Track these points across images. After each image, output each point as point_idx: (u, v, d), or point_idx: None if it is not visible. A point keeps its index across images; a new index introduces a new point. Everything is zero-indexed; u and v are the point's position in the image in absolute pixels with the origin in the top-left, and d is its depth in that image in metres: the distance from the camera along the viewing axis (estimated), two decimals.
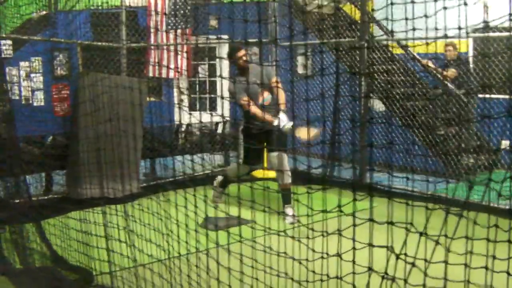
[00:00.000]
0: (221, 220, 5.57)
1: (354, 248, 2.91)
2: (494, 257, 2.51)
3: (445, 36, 2.90)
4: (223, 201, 7.90)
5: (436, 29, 2.93)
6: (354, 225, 2.88)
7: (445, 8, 2.82)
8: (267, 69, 7.55)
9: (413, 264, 2.66)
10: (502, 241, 2.52)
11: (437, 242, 2.58)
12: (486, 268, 2.54)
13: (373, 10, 8.71)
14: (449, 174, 8.48)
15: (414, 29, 3.03)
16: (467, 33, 2.75)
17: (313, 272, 3.26)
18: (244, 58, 7.43)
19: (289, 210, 7.21)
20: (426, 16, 3.01)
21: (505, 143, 8.10)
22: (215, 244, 4.02)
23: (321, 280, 3.16)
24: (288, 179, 7.26)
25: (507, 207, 5.82)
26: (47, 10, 9.83)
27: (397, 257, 2.71)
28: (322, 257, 3.09)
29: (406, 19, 3.12)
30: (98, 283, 5.07)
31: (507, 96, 8.20)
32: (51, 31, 9.37)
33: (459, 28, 2.84)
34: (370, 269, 2.82)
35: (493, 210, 5.82)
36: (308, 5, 9.82)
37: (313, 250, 3.24)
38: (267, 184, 4.06)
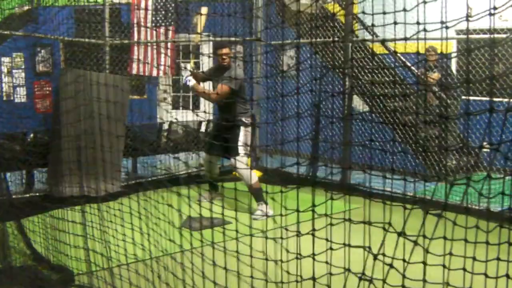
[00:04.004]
0: (200, 220, 5.53)
1: (331, 249, 2.90)
2: (474, 259, 2.51)
3: (425, 36, 2.89)
4: (210, 199, 7.90)
5: (418, 23, 2.91)
6: (331, 224, 2.87)
7: (425, 2, 2.81)
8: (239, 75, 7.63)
9: (391, 266, 2.66)
10: (480, 242, 2.53)
11: (415, 243, 2.58)
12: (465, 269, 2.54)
13: (353, 3, 8.72)
14: (431, 175, 8.50)
15: (396, 23, 3.02)
16: (447, 27, 2.74)
17: (287, 273, 3.24)
18: (225, 57, 7.48)
19: (260, 207, 7.32)
20: (405, 10, 3.01)
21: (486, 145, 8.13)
22: (192, 244, 4.00)
23: (296, 281, 3.14)
24: (249, 181, 7.33)
25: (485, 208, 5.82)
26: (29, 5, 9.75)
27: (375, 258, 2.70)
28: (297, 258, 3.07)
29: (384, 13, 3.11)
30: (78, 282, 5.05)
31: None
32: (33, 27, 9.28)
33: (442, 22, 2.82)
34: (347, 270, 2.81)
35: (473, 211, 5.87)
36: (291, 4, 9.82)
37: (287, 251, 3.21)
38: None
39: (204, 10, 7.92)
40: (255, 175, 7.52)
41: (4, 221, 6.06)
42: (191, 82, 7.53)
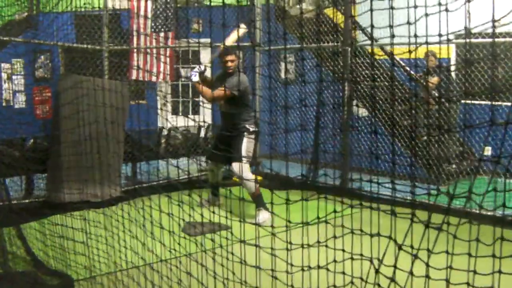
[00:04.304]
0: (201, 225, 5.52)
1: (334, 261, 2.89)
2: (475, 272, 2.50)
3: (427, 42, 2.90)
4: (211, 204, 7.88)
5: (416, 36, 2.91)
6: (335, 236, 2.86)
7: (426, 15, 2.81)
8: (243, 82, 7.66)
9: (392, 280, 2.65)
10: (482, 256, 2.52)
11: (415, 256, 2.57)
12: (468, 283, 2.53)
13: (352, 16, 8.74)
14: (431, 180, 8.49)
15: (393, 36, 3.02)
16: (448, 40, 2.74)
17: (291, 286, 3.23)
18: (230, 64, 7.49)
19: (260, 213, 7.30)
20: (408, 23, 3.00)
21: (488, 150, 8.13)
22: (195, 249, 4.00)
23: None
24: (252, 188, 7.32)
25: (489, 213, 5.81)
26: (29, 11, 9.75)
27: (377, 271, 2.69)
28: (302, 269, 3.06)
29: (391, 26, 3.11)
30: None
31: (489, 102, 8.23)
32: (33, 33, 9.29)
33: (440, 35, 2.82)
34: (351, 282, 2.80)
35: (474, 215, 5.86)
36: (291, 9, 9.83)
37: (291, 264, 3.20)
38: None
39: (242, 27, 7.93)
40: (255, 183, 7.50)
41: (3, 226, 6.06)
42: (196, 78, 7.53)
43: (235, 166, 7.39)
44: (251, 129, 7.56)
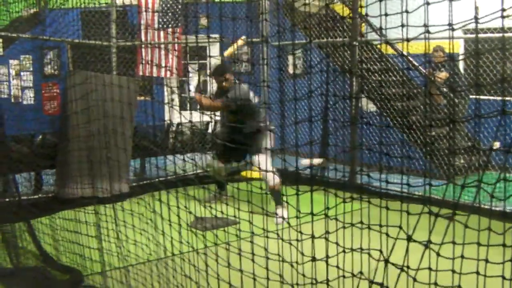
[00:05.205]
0: (210, 220, 5.53)
1: (343, 252, 2.89)
2: (486, 261, 2.49)
3: (430, 36, 2.89)
4: (214, 201, 7.88)
5: (426, 25, 2.90)
6: (344, 227, 2.86)
7: (428, 3, 2.80)
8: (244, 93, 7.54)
9: (401, 269, 2.65)
10: (494, 245, 2.51)
11: (426, 246, 2.57)
12: (478, 273, 2.52)
13: (361, 7, 8.71)
14: (440, 175, 8.47)
15: (403, 25, 3.02)
16: (453, 29, 2.73)
17: (303, 276, 3.23)
18: (224, 84, 7.47)
19: (279, 211, 7.21)
20: (409, 11, 3.00)
21: (497, 144, 8.11)
22: (204, 244, 4.01)
23: (312, 283, 3.13)
24: (272, 181, 7.21)
25: (499, 208, 5.78)
26: (36, 8, 9.77)
27: (386, 261, 2.69)
28: (313, 259, 3.07)
29: (401, 14, 3.11)
30: (88, 283, 5.06)
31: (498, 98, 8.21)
32: (40, 29, 9.30)
33: (450, 25, 2.82)
34: (360, 273, 2.81)
35: (484, 211, 5.83)
36: (298, 3, 9.82)
37: (302, 254, 3.21)
38: (255, 185, 4.00)
39: (242, 39, 8.00)
40: (278, 177, 7.34)
41: (14, 222, 6.09)
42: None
43: (258, 158, 7.18)
44: (271, 128, 7.57)
